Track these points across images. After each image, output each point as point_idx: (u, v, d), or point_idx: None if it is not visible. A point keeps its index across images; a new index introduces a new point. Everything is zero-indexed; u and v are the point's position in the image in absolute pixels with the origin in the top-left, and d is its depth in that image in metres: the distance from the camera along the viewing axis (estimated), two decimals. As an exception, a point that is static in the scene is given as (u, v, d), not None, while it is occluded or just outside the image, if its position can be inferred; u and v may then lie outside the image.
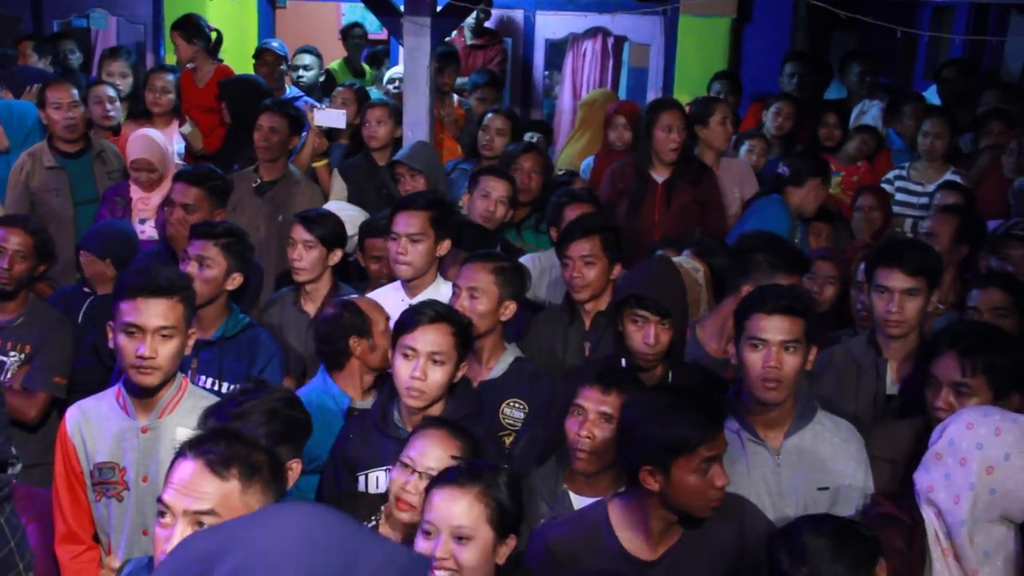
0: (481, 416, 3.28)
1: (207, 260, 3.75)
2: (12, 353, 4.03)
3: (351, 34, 8.25)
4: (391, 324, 3.31)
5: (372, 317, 3.61)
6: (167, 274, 3.02)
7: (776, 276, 3.58)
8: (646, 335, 3.29)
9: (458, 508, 2.43)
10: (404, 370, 3.06)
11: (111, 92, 5.99)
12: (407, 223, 3.93)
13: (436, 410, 3.11)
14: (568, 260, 3.81)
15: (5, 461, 2.60)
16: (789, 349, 2.92)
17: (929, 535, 2.57)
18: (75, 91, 5.42)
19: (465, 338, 3.15)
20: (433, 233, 3.96)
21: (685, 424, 2.51)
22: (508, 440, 3.45)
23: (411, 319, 3.11)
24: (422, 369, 3.03)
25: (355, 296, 3.77)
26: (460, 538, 2.42)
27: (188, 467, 2.05)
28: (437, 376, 3.06)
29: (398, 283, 4.06)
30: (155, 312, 2.89)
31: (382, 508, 2.84)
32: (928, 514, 2.57)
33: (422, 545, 2.45)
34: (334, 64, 8.18)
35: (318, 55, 7.45)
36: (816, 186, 4.91)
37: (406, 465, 2.73)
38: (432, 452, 2.70)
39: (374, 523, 2.85)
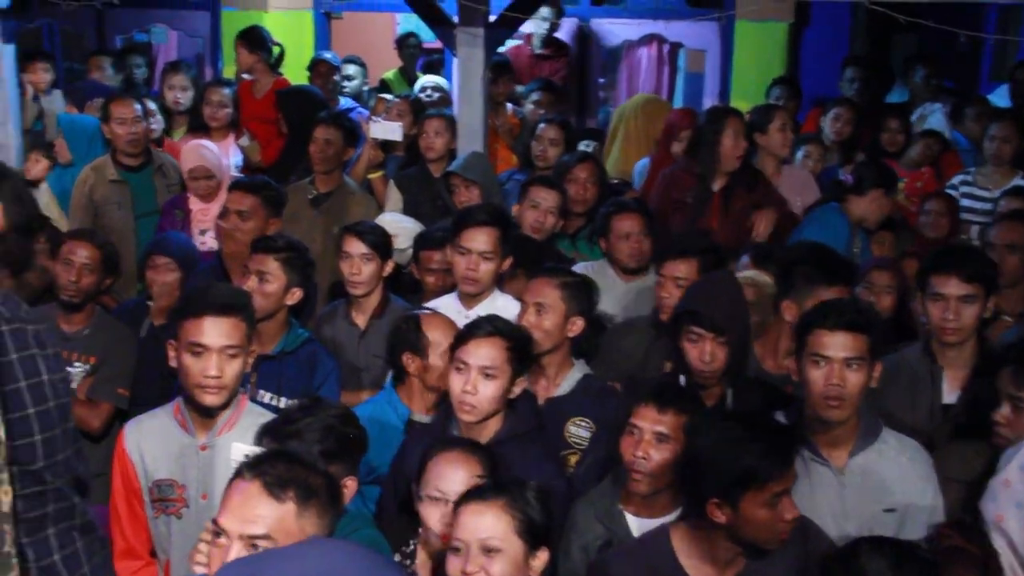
0: (542, 433, 3.24)
1: (267, 275, 3.77)
2: (77, 364, 4.11)
3: (406, 44, 8.29)
4: None
5: (431, 337, 3.51)
6: (231, 292, 3.05)
7: (816, 289, 3.50)
8: (702, 352, 3.22)
9: (484, 522, 2.42)
10: (457, 383, 3.05)
11: (152, 105, 6.08)
12: (479, 241, 3.90)
13: (494, 426, 3.09)
14: (663, 279, 3.76)
15: (80, 479, 2.60)
16: (852, 366, 2.85)
17: (1005, 569, 2.48)
18: (138, 106, 5.51)
19: (521, 353, 3.10)
20: (501, 250, 3.94)
21: (756, 457, 2.45)
22: (574, 459, 3.39)
23: (466, 333, 3.11)
24: (472, 383, 3.01)
25: (429, 312, 3.70)
26: (489, 550, 2.41)
27: (245, 489, 2.04)
28: (488, 390, 3.03)
29: (455, 295, 4.04)
30: (221, 331, 2.90)
31: (420, 532, 2.82)
32: (1000, 545, 2.48)
33: (454, 563, 2.44)
34: (389, 74, 8.22)
35: (362, 64, 7.48)
36: (879, 197, 4.79)
37: (436, 499, 2.68)
38: (455, 476, 2.67)
39: (412, 546, 2.84)
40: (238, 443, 2.75)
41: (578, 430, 3.42)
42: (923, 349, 3.49)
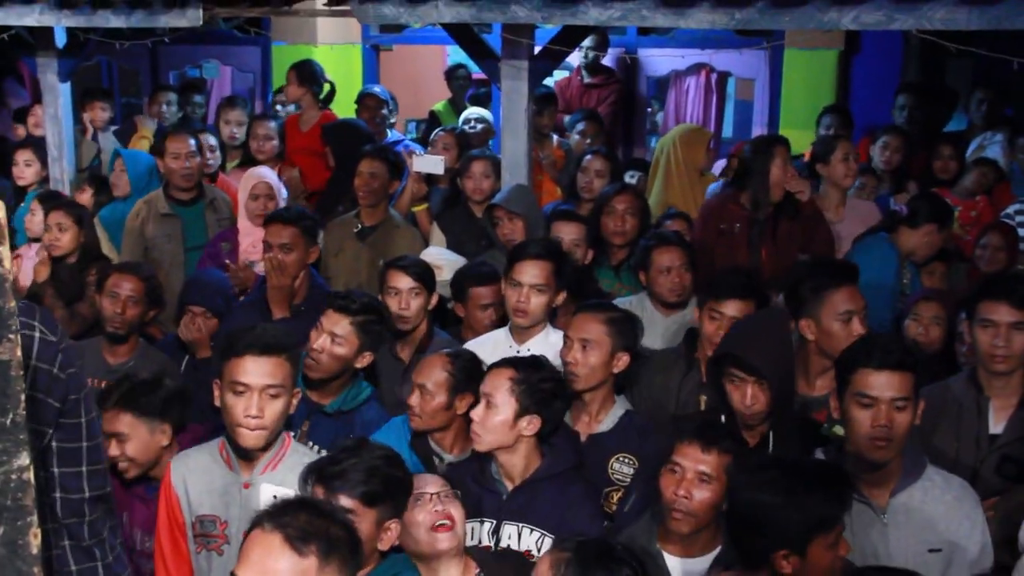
0: (581, 471, 3.22)
1: (339, 338, 3.60)
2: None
3: (455, 75, 8.34)
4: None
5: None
6: (275, 332, 3.05)
7: (825, 295, 3.47)
8: (743, 395, 3.17)
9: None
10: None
11: (212, 140, 6.18)
12: (531, 274, 3.89)
13: (533, 464, 3.10)
14: (718, 315, 3.69)
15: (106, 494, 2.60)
16: (899, 406, 2.78)
17: None
18: (192, 141, 5.61)
19: (529, 386, 3.10)
20: (555, 283, 3.93)
21: (826, 502, 2.44)
22: (616, 496, 3.36)
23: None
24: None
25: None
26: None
27: (266, 541, 2.02)
28: (492, 419, 3.09)
29: (506, 329, 4.03)
30: (263, 371, 2.91)
31: None
32: None
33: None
34: (439, 105, 8.26)
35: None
36: (932, 232, 4.69)
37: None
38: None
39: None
40: (267, 484, 2.75)
41: (622, 467, 3.40)
42: (968, 379, 3.41)
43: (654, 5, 4.52)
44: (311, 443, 3.43)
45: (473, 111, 6.80)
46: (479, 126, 6.78)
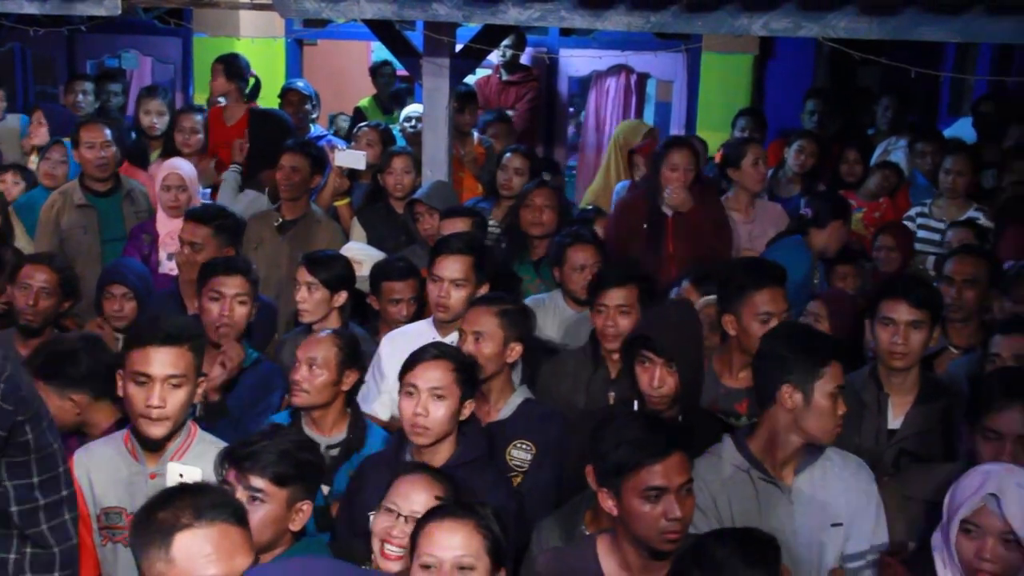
0: (491, 460, 3.30)
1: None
2: (36, 388, 4.12)
3: (381, 72, 8.36)
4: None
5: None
6: (177, 323, 3.06)
7: (748, 295, 3.58)
8: (652, 377, 3.27)
9: (459, 539, 2.48)
10: (408, 408, 3.12)
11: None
12: (451, 268, 3.97)
13: (446, 451, 3.15)
14: (602, 308, 3.80)
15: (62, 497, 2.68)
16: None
17: None
18: (108, 131, 5.52)
19: (468, 375, 3.18)
20: (475, 278, 4.00)
21: (628, 444, 2.57)
22: (516, 481, 3.45)
23: (413, 358, 3.18)
24: (423, 405, 3.08)
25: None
26: (463, 568, 2.47)
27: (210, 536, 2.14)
28: (439, 412, 3.10)
29: (430, 321, 4.10)
30: (165, 361, 2.92)
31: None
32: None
33: None
34: (364, 101, 8.28)
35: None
36: (838, 228, 4.90)
37: (391, 511, 2.74)
38: (417, 496, 2.72)
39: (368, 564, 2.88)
40: (174, 463, 2.79)
41: (519, 453, 3.49)
42: (869, 375, 3.57)
43: (572, 6, 4.65)
44: None
45: (413, 110, 6.83)
46: (419, 125, 6.82)
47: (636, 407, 3.30)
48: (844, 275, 5.07)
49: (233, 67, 6.53)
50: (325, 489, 3.41)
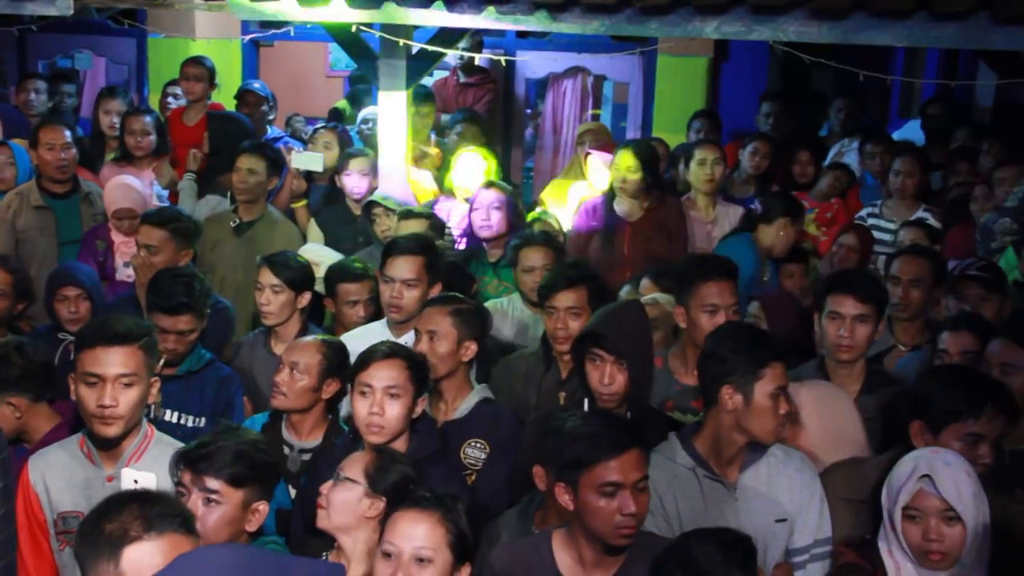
0: (445, 456, 3.33)
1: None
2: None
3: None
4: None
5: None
6: (126, 322, 3.04)
7: (696, 287, 3.63)
8: (602, 375, 3.30)
9: (420, 530, 2.52)
10: (362, 407, 3.14)
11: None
12: (402, 269, 3.99)
13: (399, 448, 3.16)
14: (553, 310, 3.82)
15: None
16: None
17: None
18: (68, 132, 5.47)
19: (420, 372, 3.22)
20: (427, 278, 4.02)
21: (584, 441, 2.61)
22: (470, 479, 3.47)
23: (365, 358, 3.20)
24: (379, 404, 3.11)
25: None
26: (421, 560, 2.51)
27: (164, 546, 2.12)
28: (394, 410, 3.13)
29: (384, 322, 4.12)
30: (115, 360, 2.91)
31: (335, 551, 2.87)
32: (890, 564, 2.63)
33: (383, 569, 2.53)
34: (341, 103, 8.22)
35: None
36: (785, 225, 4.97)
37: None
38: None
39: (325, 557, 2.89)
40: (128, 469, 2.78)
41: (474, 451, 3.52)
42: (817, 367, 3.65)
43: (528, 8, 4.68)
44: (167, 411, 3.57)
45: (370, 111, 6.82)
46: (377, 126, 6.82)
47: (586, 406, 3.34)
48: (791, 273, 5.17)
49: (212, 75, 6.59)
50: (292, 492, 3.42)
